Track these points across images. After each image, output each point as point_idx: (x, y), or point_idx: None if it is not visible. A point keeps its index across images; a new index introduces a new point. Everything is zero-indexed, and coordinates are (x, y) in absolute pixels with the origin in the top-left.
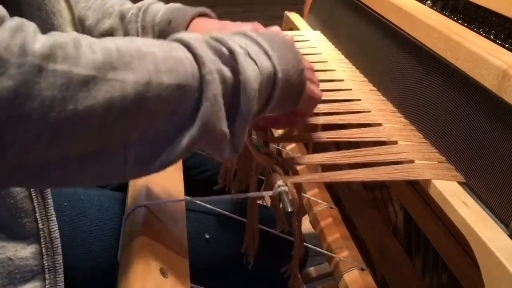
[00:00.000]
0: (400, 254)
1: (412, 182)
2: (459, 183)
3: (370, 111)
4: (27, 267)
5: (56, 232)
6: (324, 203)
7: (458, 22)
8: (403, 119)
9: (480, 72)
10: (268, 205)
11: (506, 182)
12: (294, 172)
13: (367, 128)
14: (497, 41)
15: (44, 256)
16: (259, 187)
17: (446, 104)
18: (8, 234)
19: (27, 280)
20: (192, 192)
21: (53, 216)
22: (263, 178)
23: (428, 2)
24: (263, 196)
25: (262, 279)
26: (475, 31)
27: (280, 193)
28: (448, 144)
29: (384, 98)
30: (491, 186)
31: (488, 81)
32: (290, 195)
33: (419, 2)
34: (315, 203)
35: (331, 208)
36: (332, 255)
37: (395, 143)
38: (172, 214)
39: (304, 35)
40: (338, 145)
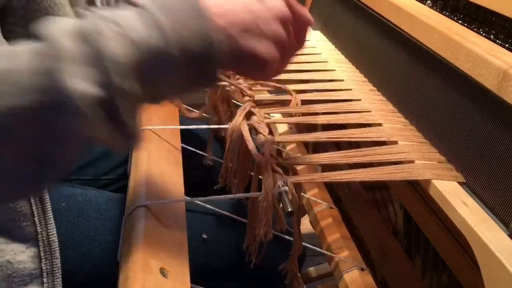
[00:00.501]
0: (400, 254)
1: (412, 182)
2: (459, 183)
3: (370, 111)
4: (25, 271)
5: (54, 235)
6: (324, 203)
7: (458, 22)
8: (403, 119)
9: (480, 72)
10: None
11: (506, 182)
12: (294, 172)
13: (367, 128)
14: (497, 41)
15: (43, 260)
16: (259, 186)
17: (446, 104)
18: (6, 237)
19: (25, 283)
20: (191, 193)
21: (51, 219)
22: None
23: (428, 2)
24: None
25: (261, 279)
26: (475, 31)
27: (280, 193)
28: (448, 144)
29: (384, 98)
30: (491, 186)
31: (488, 81)
32: (290, 195)
33: (419, 2)
34: (315, 203)
35: (331, 208)
36: (332, 255)
37: (395, 143)
38: (172, 214)
39: None
40: (338, 145)
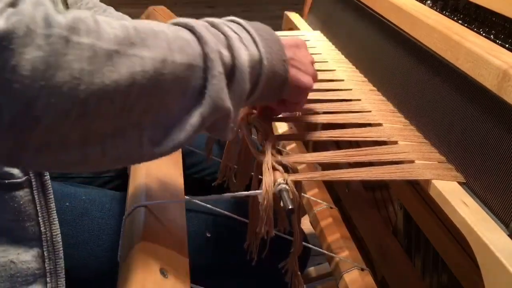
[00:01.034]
0: (400, 254)
1: (412, 182)
2: (459, 183)
3: (370, 111)
4: (29, 271)
5: (58, 236)
6: (324, 203)
7: (458, 22)
8: (403, 119)
9: (480, 72)
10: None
11: (506, 182)
12: (294, 170)
13: (367, 128)
14: (497, 41)
15: (46, 260)
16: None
17: (446, 104)
18: (10, 237)
19: (28, 283)
20: (191, 191)
21: (55, 220)
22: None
23: (428, 2)
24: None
25: (261, 277)
26: (475, 31)
27: (281, 190)
28: (448, 144)
29: (384, 98)
30: (491, 186)
31: (488, 81)
32: (290, 193)
33: (419, 2)
34: (315, 203)
35: (331, 208)
36: (332, 255)
37: (395, 143)
38: (172, 214)
39: (304, 35)
40: (338, 145)
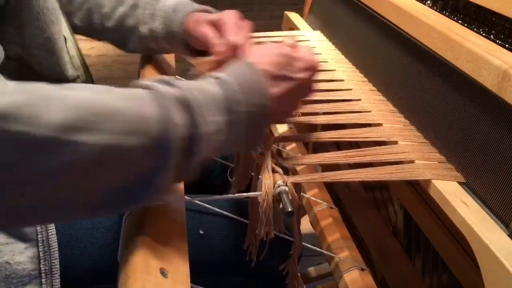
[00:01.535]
0: (400, 254)
1: (412, 182)
2: (459, 183)
3: (370, 111)
4: (24, 271)
5: (53, 236)
6: (324, 203)
7: (458, 22)
8: (403, 119)
9: (480, 72)
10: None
11: (506, 182)
12: (294, 172)
13: (367, 128)
14: (497, 41)
15: (41, 260)
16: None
17: (446, 104)
18: (6, 238)
19: (24, 284)
20: (190, 191)
21: None
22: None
23: (428, 2)
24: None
25: (260, 276)
26: (475, 31)
27: (280, 192)
28: (448, 144)
29: (384, 98)
30: (491, 186)
31: (488, 81)
32: (290, 195)
33: (419, 2)
34: (315, 203)
35: (331, 208)
36: (332, 255)
37: (395, 143)
38: (172, 214)
39: (304, 35)
40: (338, 145)
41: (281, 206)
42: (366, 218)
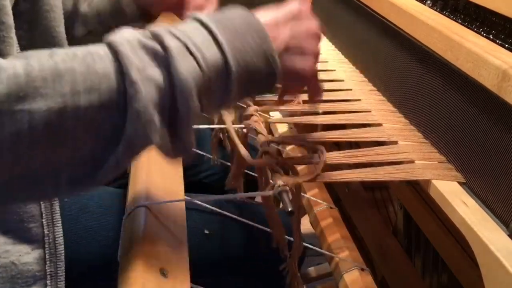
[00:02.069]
0: (400, 254)
1: (412, 182)
2: (459, 183)
3: (370, 111)
4: (29, 272)
5: (60, 238)
6: (324, 203)
7: (458, 22)
8: (403, 119)
9: (480, 72)
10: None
11: (506, 182)
12: (294, 172)
13: (367, 128)
14: (497, 41)
15: (47, 262)
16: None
17: (446, 104)
18: (13, 238)
19: (28, 285)
20: (190, 191)
21: (59, 222)
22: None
23: (428, 2)
24: (260, 195)
25: (260, 275)
26: (475, 31)
27: (280, 193)
28: (448, 144)
29: (384, 98)
30: (491, 186)
31: (488, 81)
32: (290, 195)
33: (419, 2)
34: (315, 203)
35: (331, 208)
36: (332, 255)
37: (395, 143)
38: (172, 214)
39: None
40: (338, 145)
41: (281, 206)
42: (366, 218)
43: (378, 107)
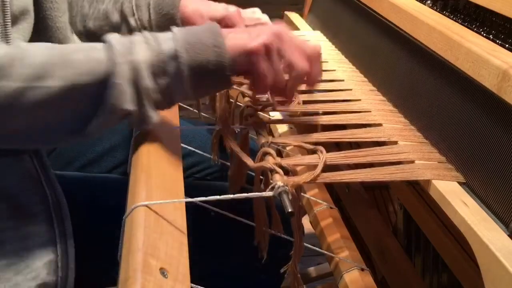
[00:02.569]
0: (400, 254)
1: (412, 182)
2: (459, 183)
3: (370, 111)
4: (39, 232)
5: (62, 198)
6: (324, 203)
7: (458, 22)
8: (403, 119)
9: (480, 72)
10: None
11: (506, 182)
12: (294, 173)
13: (367, 128)
14: (497, 41)
15: (50, 200)
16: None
17: (446, 104)
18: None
19: (39, 245)
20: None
21: (56, 183)
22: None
23: (428, 2)
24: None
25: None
26: (475, 31)
27: (280, 193)
28: (448, 144)
29: (384, 98)
30: (491, 186)
31: (488, 81)
32: (290, 196)
33: (419, 2)
34: (315, 203)
35: (331, 208)
36: (332, 255)
37: (395, 143)
38: (172, 214)
39: (304, 35)
40: (338, 145)
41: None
42: (366, 218)
43: (378, 107)
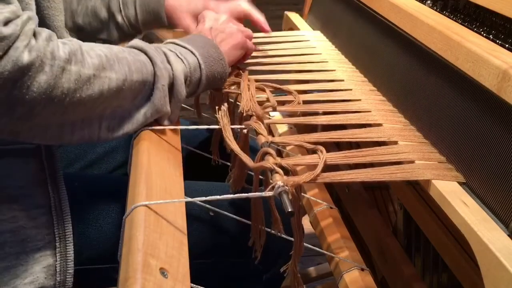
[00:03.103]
0: (400, 254)
1: (412, 182)
2: (459, 183)
3: (370, 111)
4: (38, 236)
5: (65, 200)
6: (324, 203)
7: (458, 22)
8: (403, 119)
9: (480, 72)
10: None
11: (506, 182)
12: (294, 173)
13: (367, 128)
14: (497, 41)
15: (55, 225)
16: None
17: (446, 104)
18: (20, 205)
19: (38, 248)
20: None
21: (63, 186)
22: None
23: (428, 2)
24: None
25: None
26: (475, 31)
27: (280, 193)
28: (448, 144)
29: (384, 98)
30: (491, 186)
31: (488, 81)
32: (290, 196)
33: (419, 2)
34: (315, 203)
35: (331, 208)
36: (332, 255)
37: (395, 143)
38: (172, 214)
39: (304, 35)
40: (338, 145)
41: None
42: (366, 218)
43: (378, 107)
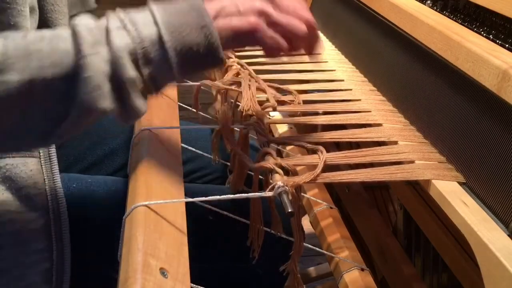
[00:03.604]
0: (400, 254)
1: (412, 182)
2: (459, 183)
3: (370, 111)
4: (35, 239)
5: (63, 204)
6: (324, 203)
7: (458, 22)
8: (403, 119)
9: (480, 72)
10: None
11: (506, 182)
12: (294, 173)
13: (367, 128)
14: (497, 41)
15: (52, 221)
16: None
17: (446, 104)
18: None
19: (35, 252)
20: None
21: (60, 188)
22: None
23: (428, 2)
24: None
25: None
26: (475, 31)
27: (280, 193)
28: (448, 144)
29: (384, 98)
30: (491, 186)
31: (488, 81)
32: (290, 196)
33: (419, 2)
34: (315, 203)
35: (331, 208)
36: (332, 255)
37: (395, 143)
38: (172, 214)
39: None
40: (338, 145)
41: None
42: (366, 218)
43: (378, 107)
